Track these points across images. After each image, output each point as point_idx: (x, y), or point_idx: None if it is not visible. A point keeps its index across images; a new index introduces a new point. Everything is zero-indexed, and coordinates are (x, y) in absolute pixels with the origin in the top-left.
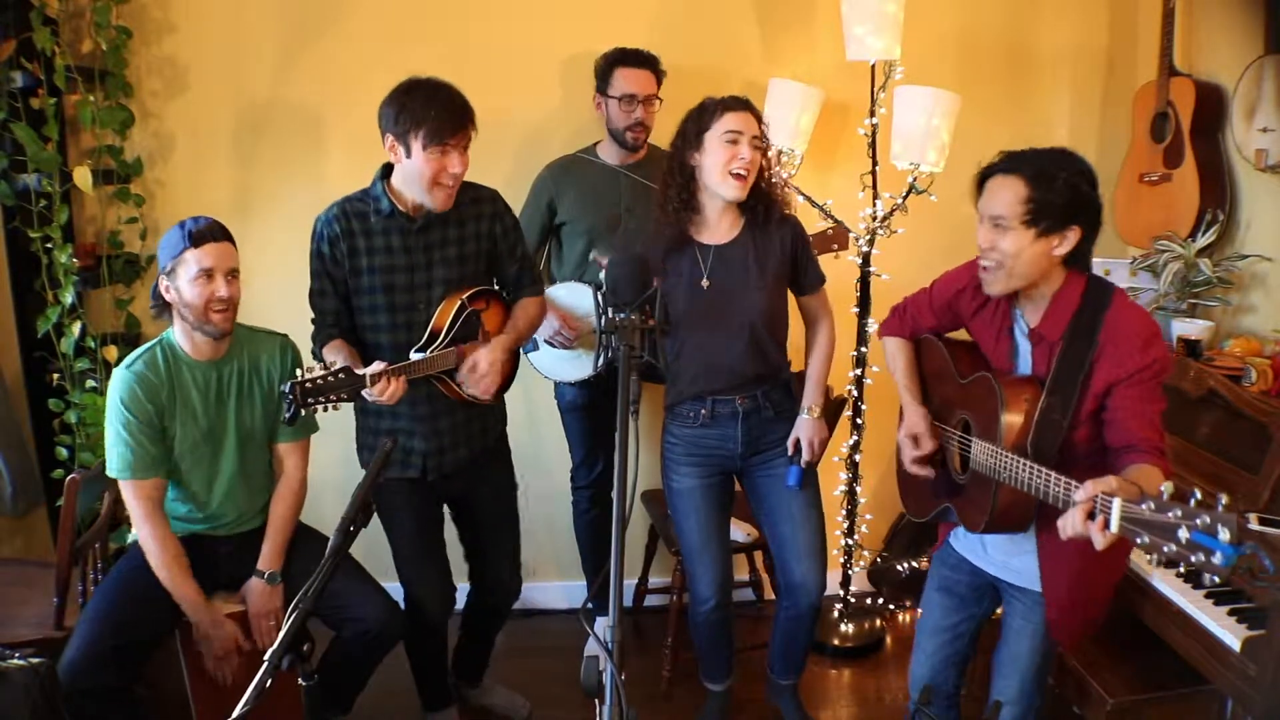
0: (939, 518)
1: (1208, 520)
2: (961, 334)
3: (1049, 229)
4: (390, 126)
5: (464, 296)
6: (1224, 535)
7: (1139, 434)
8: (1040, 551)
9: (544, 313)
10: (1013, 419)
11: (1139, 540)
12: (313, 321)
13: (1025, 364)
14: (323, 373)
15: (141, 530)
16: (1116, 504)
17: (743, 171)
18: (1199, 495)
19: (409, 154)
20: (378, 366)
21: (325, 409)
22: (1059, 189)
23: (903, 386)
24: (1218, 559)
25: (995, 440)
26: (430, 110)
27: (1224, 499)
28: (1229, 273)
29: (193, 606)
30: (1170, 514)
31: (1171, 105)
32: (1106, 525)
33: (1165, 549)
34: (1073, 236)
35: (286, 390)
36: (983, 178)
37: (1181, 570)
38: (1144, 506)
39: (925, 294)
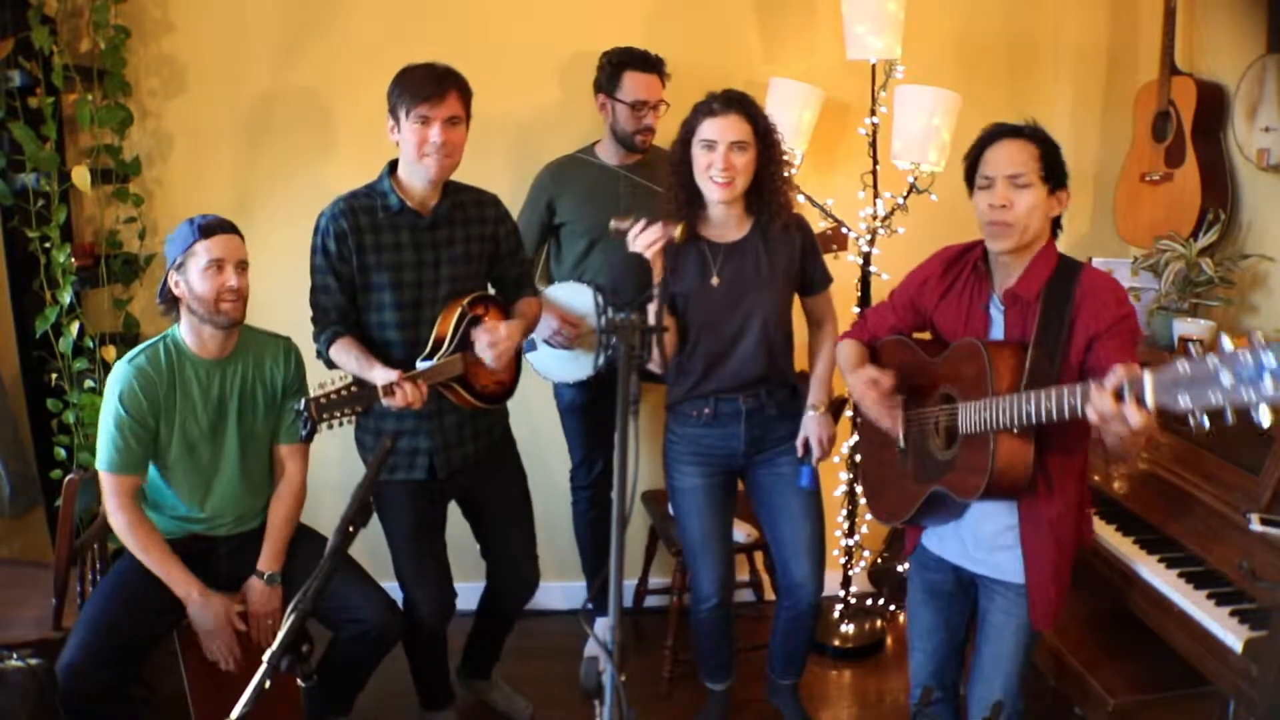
0: (914, 519)
1: (1249, 356)
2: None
3: (1054, 188)
4: (389, 109)
5: (464, 303)
6: (1270, 360)
7: None
8: (1023, 532)
9: (540, 309)
10: (1001, 376)
11: (1181, 401)
12: (314, 320)
13: (999, 334)
14: (337, 387)
15: (117, 519)
16: (1148, 376)
17: (719, 178)
18: (1229, 343)
19: (399, 129)
20: (389, 376)
21: (341, 424)
22: (1056, 152)
23: (846, 370)
24: (1268, 384)
25: (986, 395)
26: (410, 82)
27: (1258, 334)
28: (1230, 272)
29: (179, 584)
30: (1209, 362)
31: (1173, 105)
32: (1141, 401)
33: (1211, 399)
34: (1065, 199)
35: (301, 408)
36: (983, 145)
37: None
38: (1179, 367)
39: (886, 302)
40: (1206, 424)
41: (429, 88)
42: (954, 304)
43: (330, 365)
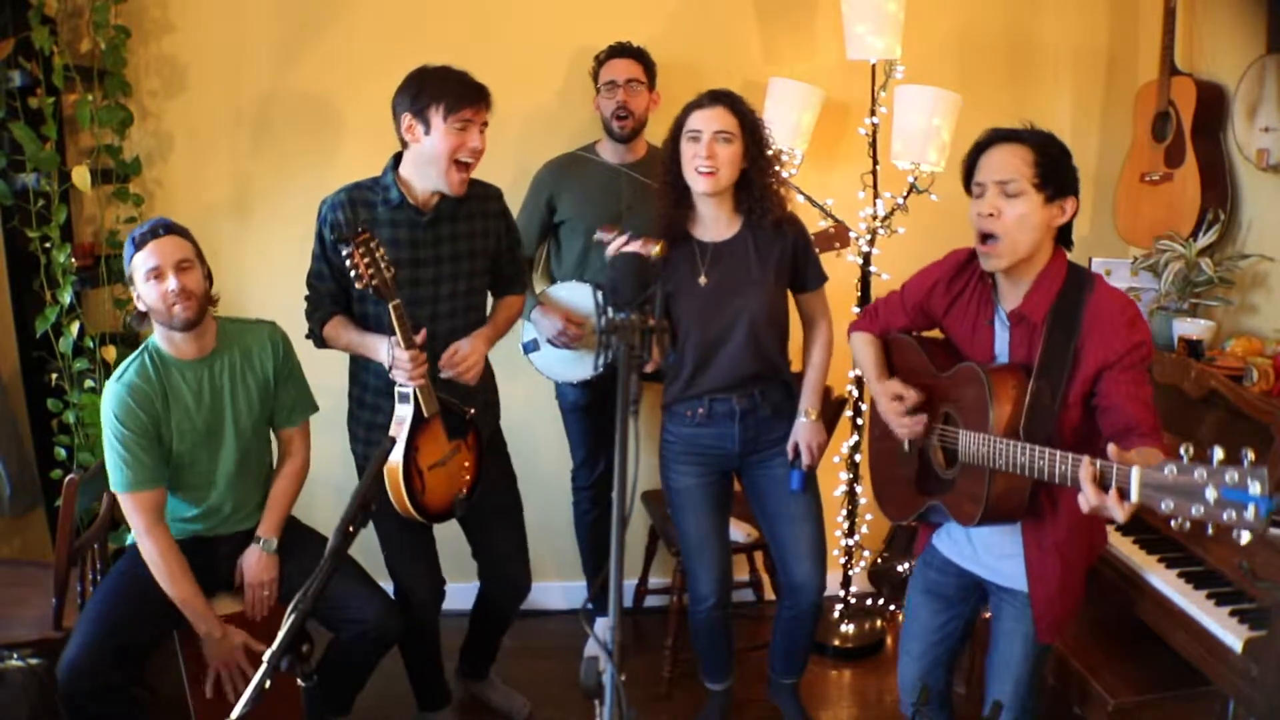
0: (921, 518)
1: (1236, 476)
2: (934, 333)
3: (1054, 195)
4: (408, 106)
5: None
6: (1255, 488)
7: (1136, 416)
8: (1026, 550)
9: (521, 311)
10: (1002, 406)
11: (1163, 506)
12: (307, 299)
13: (1004, 352)
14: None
15: (145, 544)
16: (1135, 472)
17: (703, 168)
18: (1220, 454)
19: (428, 130)
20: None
21: (357, 259)
22: (1059, 156)
23: (870, 375)
24: (1250, 513)
25: (985, 429)
26: (450, 84)
27: (1249, 454)
28: (1230, 272)
29: (200, 618)
30: (1195, 474)
31: (1173, 105)
32: (1124, 496)
33: (1193, 511)
34: (1070, 208)
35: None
36: (978, 151)
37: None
38: (1166, 471)
39: (897, 295)
40: (1187, 526)
41: (473, 92)
42: (961, 315)
43: (321, 345)
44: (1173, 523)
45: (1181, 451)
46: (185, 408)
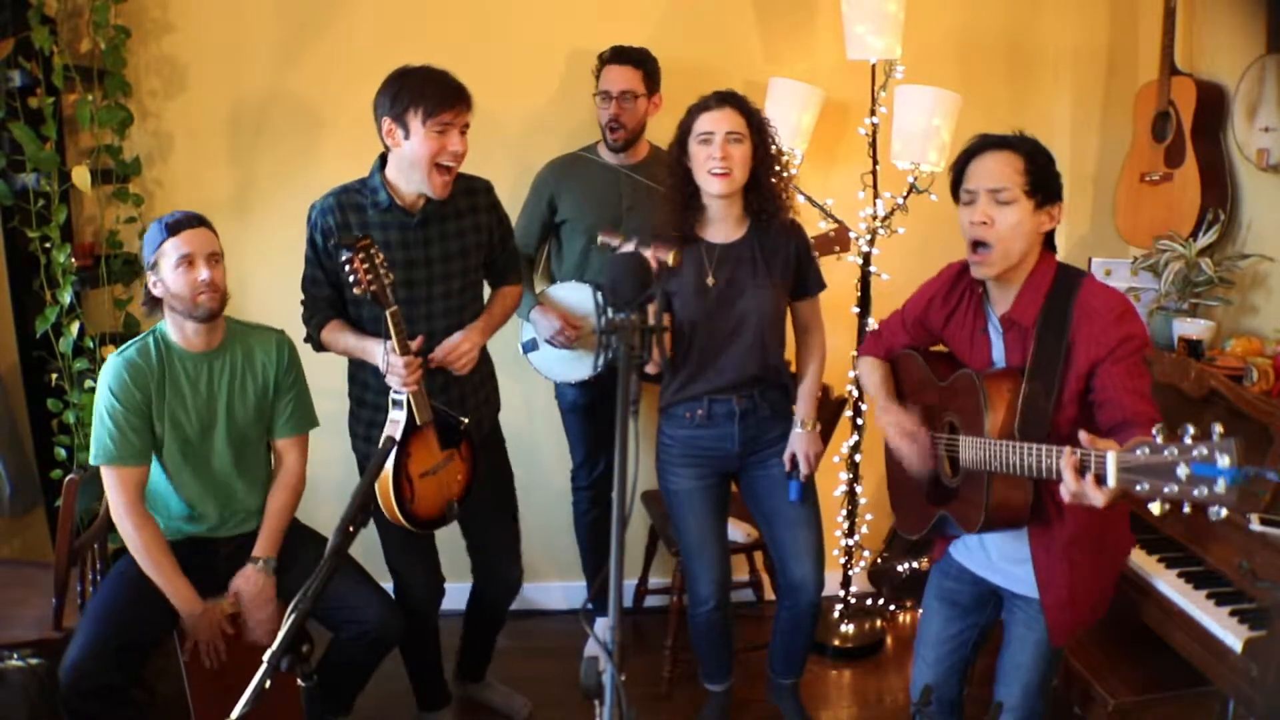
0: (935, 532)
1: (1205, 451)
2: (939, 347)
3: (1043, 202)
4: (387, 110)
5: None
6: (1223, 461)
7: (1133, 408)
8: (1034, 554)
9: (519, 301)
10: (996, 410)
11: (1139, 488)
12: (303, 304)
13: (1000, 358)
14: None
15: (124, 523)
16: (1110, 456)
17: (718, 169)
18: (1193, 430)
19: (407, 134)
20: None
21: (358, 275)
22: (1046, 164)
23: (880, 400)
24: (1220, 486)
25: (981, 434)
26: (428, 88)
27: (1218, 428)
28: (1230, 272)
29: (179, 596)
30: (1166, 453)
31: (1173, 105)
32: (1102, 481)
33: (1166, 490)
34: (1057, 213)
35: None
36: (967, 158)
37: (1186, 510)
38: (1138, 453)
39: (898, 314)
40: (1168, 509)
41: (451, 95)
42: (959, 326)
43: (319, 348)
44: (1152, 506)
45: (1154, 432)
46: (180, 398)
